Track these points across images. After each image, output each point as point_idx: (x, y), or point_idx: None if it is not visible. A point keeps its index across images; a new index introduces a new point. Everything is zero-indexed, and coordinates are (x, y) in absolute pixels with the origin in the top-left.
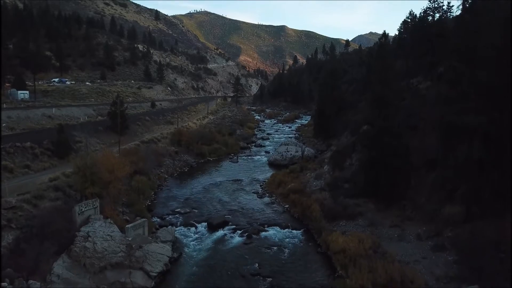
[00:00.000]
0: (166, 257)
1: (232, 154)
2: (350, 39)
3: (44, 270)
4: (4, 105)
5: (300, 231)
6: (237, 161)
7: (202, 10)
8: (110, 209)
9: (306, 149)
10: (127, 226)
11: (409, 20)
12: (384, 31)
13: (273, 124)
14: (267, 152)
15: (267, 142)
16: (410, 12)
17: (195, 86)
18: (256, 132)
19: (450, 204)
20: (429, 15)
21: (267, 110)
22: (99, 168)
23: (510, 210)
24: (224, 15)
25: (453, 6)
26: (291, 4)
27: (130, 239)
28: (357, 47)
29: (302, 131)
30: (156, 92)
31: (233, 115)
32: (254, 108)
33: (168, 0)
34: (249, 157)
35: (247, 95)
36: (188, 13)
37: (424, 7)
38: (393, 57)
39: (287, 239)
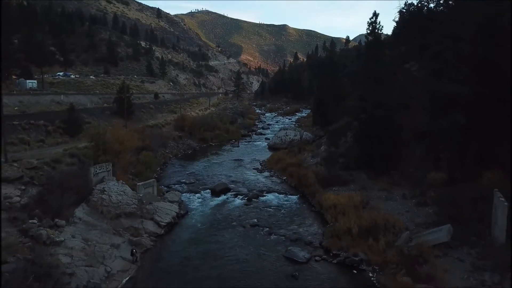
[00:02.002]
0: (174, 212)
1: (234, 140)
2: (351, 38)
3: (67, 214)
4: (14, 92)
5: (296, 196)
6: (238, 146)
7: (204, 9)
8: (121, 174)
9: (304, 133)
10: (138, 184)
11: (404, 10)
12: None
13: (274, 116)
14: (267, 139)
15: (267, 131)
16: (405, 2)
17: (197, 83)
18: (256, 123)
19: (435, 171)
20: (424, 6)
21: (268, 105)
22: (110, 138)
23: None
24: (225, 14)
25: None
26: (292, 3)
27: (141, 195)
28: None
29: (301, 122)
30: (159, 87)
31: (234, 107)
32: (255, 103)
33: (169, 0)
34: (250, 142)
35: (248, 92)
36: (189, 12)
37: None
38: (388, 46)
39: (284, 202)
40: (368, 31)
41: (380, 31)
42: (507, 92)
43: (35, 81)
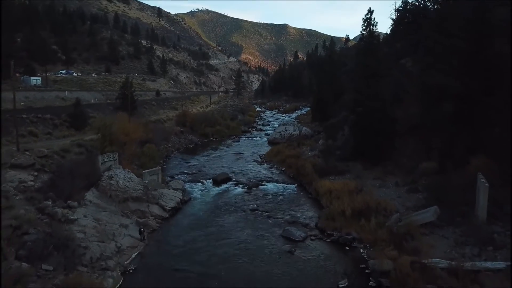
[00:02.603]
0: (178, 198)
1: (234, 136)
2: (351, 38)
3: (78, 198)
4: (20, 88)
5: (294, 185)
6: (239, 141)
7: (204, 8)
8: (126, 164)
9: (303, 129)
10: (144, 171)
11: (401, 8)
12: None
13: (274, 114)
14: (267, 134)
15: (267, 127)
16: (402, 0)
17: (197, 81)
18: (257, 120)
19: (426, 161)
20: (420, 3)
21: (268, 103)
22: (116, 130)
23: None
24: (225, 14)
25: None
26: (292, 3)
27: (146, 182)
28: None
29: (301, 119)
30: (160, 85)
31: (235, 105)
32: (255, 102)
33: (170, 0)
34: (250, 138)
35: (249, 90)
36: (189, 12)
37: None
38: (386, 43)
39: (282, 190)
40: (364, 27)
41: (375, 27)
42: (494, 83)
43: (39, 78)
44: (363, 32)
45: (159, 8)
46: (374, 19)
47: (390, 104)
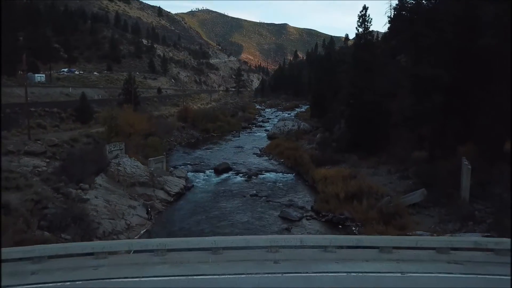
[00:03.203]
0: (182, 185)
1: (234, 131)
2: (351, 37)
3: (88, 181)
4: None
5: (292, 174)
6: (239, 136)
7: (204, 8)
8: (132, 154)
9: (302, 124)
10: (149, 159)
11: (397, 6)
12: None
13: (273, 112)
14: (266, 130)
15: (267, 124)
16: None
17: (198, 80)
18: (257, 117)
19: (418, 151)
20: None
21: (268, 102)
22: (121, 121)
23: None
24: (225, 13)
25: None
26: (292, 2)
27: (152, 169)
28: None
29: (300, 115)
30: (161, 83)
31: (235, 102)
32: (255, 100)
33: (170, 0)
34: (250, 133)
35: (249, 89)
36: (190, 11)
37: None
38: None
39: (280, 178)
40: (359, 23)
41: (370, 23)
42: (482, 76)
43: (43, 75)
44: (358, 28)
45: (159, 7)
46: (369, 15)
47: (384, 97)
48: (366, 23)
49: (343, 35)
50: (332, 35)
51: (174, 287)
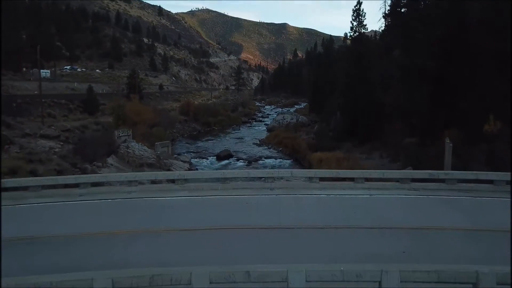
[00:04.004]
0: (186, 168)
1: (235, 125)
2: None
3: (100, 161)
4: (31, 79)
5: (290, 160)
6: (239, 129)
7: (204, 8)
8: (138, 141)
9: (300, 117)
10: (156, 143)
11: (392, 2)
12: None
13: (273, 108)
14: (266, 124)
15: (266, 119)
16: None
17: (198, 79)
18: (256, 113)
19: (409, 137)
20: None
21: (268, 99)
22: (128, 111)
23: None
24: (225, 13)
25: None
26: (292, 2)
27: (158, 152)
28: None
29: (299, 111)
30: (162, 81)
31: (235, 99)
32: (255, 98)
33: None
34: (250, 127)
35: (248, 88)
36: (189, 11)
37: None
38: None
39: (279, 164)
40: (353, 17)
41: (364, 17)
42: (468, 67)
43: (48, 71)
44: (353, 22)
45: (159, 7)
46: (363, 10)
47: (378, 88)
48: (360, 17)
49: (343, 35)
50: (332, 34)
51: (192, 204)
